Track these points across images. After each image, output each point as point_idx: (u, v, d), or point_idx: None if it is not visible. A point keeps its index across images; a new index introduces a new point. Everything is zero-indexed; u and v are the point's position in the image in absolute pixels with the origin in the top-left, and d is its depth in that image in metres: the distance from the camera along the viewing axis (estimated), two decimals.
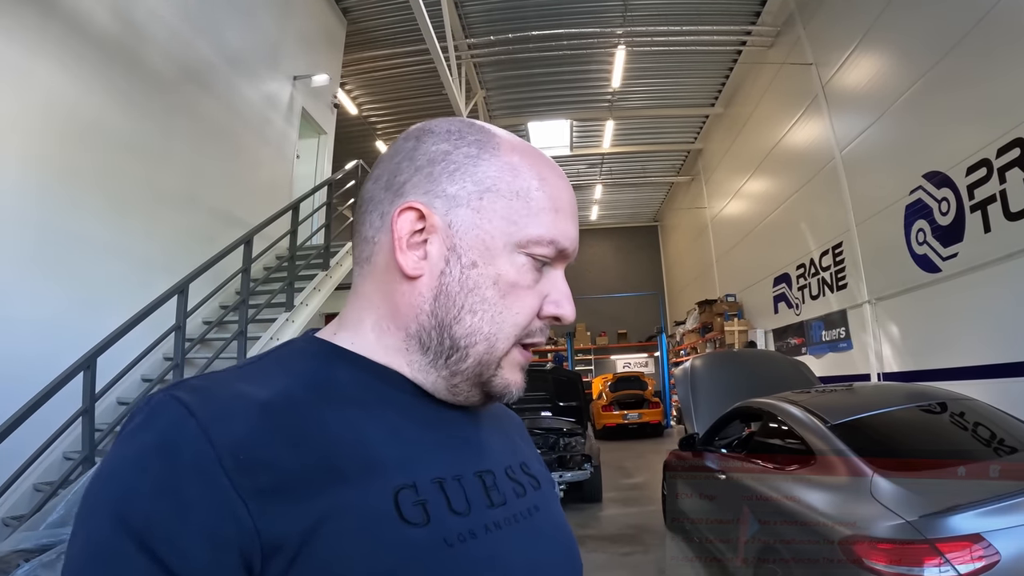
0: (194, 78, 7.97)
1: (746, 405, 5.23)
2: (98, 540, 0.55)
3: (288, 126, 10.35)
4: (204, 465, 0.56)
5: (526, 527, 0.75)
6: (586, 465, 8.35)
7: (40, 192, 5.67)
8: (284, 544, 0.56)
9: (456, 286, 0.73)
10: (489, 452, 0.79)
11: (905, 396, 4.38)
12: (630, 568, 5.88)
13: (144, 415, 0.60)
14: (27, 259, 5.52)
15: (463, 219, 0.73)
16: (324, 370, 0.71)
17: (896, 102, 8.45)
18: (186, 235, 7.51)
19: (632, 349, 26.08)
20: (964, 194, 7.08)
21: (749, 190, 15.35)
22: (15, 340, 5.25)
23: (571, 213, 0.77)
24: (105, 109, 6.45)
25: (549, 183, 0.76)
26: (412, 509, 0.63)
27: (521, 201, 0.74)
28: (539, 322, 0.76)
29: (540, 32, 12.78)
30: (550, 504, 0.84)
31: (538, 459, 0.93)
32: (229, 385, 0.64)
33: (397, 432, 0.69)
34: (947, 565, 2.67)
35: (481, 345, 0.73)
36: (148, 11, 7.10)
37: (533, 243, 0.73)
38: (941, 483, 3.11)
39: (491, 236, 0.73)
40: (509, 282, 0.73)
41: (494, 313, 0.73)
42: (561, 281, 0.77)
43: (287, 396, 0.65)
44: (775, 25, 12.64)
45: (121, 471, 0.57)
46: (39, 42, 5.69)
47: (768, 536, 3.88)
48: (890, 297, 8.95)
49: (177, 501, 0.54)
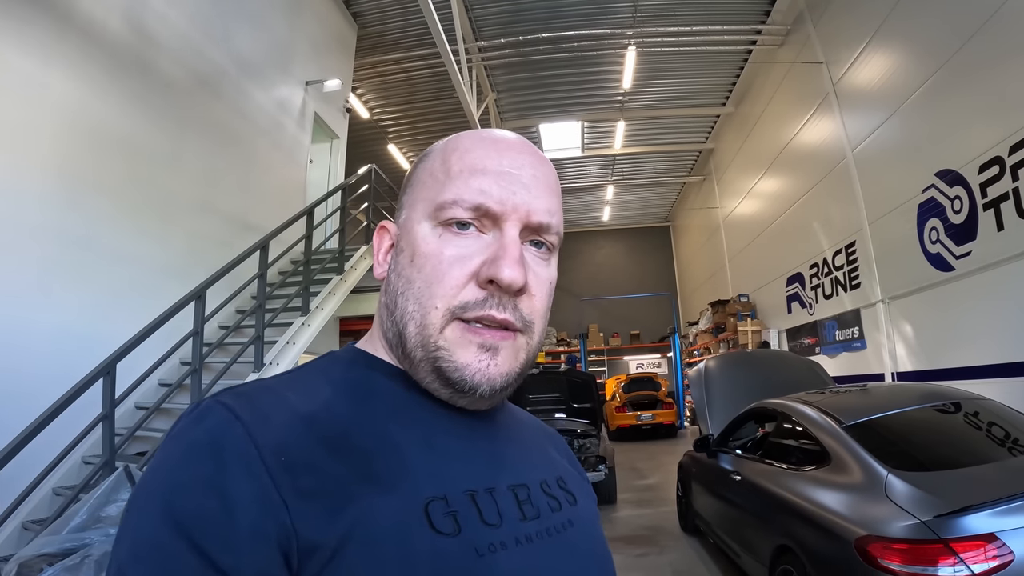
0: (207, 85, 8.05)
1: (760, 406, 5.25)
2: (147, 534, 0.56)
3: (301, 131, 10.42)
4: (249, 464, 0.58)
5: (559, 541, 0.74)
6: (600, 466, 8.38)
7: (58, 200, 5.75)
8: (319, 547, 0.57)
9: (393, 275, 0.77)
10: (523, 465, 0.80)
11: (919, 396, 4.37)
12: (645, 570, 5.89)
13: (192, 418, 0.62)
14: (45, 266, 5.59)
15: (403, 218, 0.79)
16: (362, 379, 0.74)
17: (907, 100, 8.43)
18: (201, 241, 7.59)
19: (645, 350, 26.08)
20: (977, 192, 7.06)
21: (761, 189, 15.31)
22: (34, 346, 5.34)
23: (501, 173, 0.74)
24: (120, 117, 6.54)
25: (472, 152, 0.75)
26: (443, 519, 0.63)
27: (435, 178, 0.76)
28: (479, 291, 0.71)
29: (550, 34, 12.81)
30: (586, 520, 0.82)
31: (578, 476, 0.92)
32: (273, 392, 0.67)
33: (431, 442, 0.70)
34: (961, 565, 2.69)
35: (411, 326, 0.72)
36: (160, 19, 7.18)
37: (444, 208, 0.72)
38: (955, 483, 3.11)
39: (413, 220, 0.76)
40: (424, 254, 0.73)
41: (415, 290, 0.73)
42: (507, 243, 0.72)
43: (327, 404, 0.68)
44: (785, 24, 12.62)
45: (169, 468, 0.59)
46: (55, 53, 5.77)
47: (783, 537, 3.89)
48: (903, 296, 8.92)
49: (223, 497, 0.56)
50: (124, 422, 5.70)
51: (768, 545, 4.11)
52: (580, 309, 24.87)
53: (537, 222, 0.74)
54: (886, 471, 3.29)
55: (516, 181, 0.74)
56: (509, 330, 0.73)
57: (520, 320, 0.73)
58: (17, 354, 5.18)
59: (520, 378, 0.76)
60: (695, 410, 7.34)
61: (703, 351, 19.21)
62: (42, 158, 5.63)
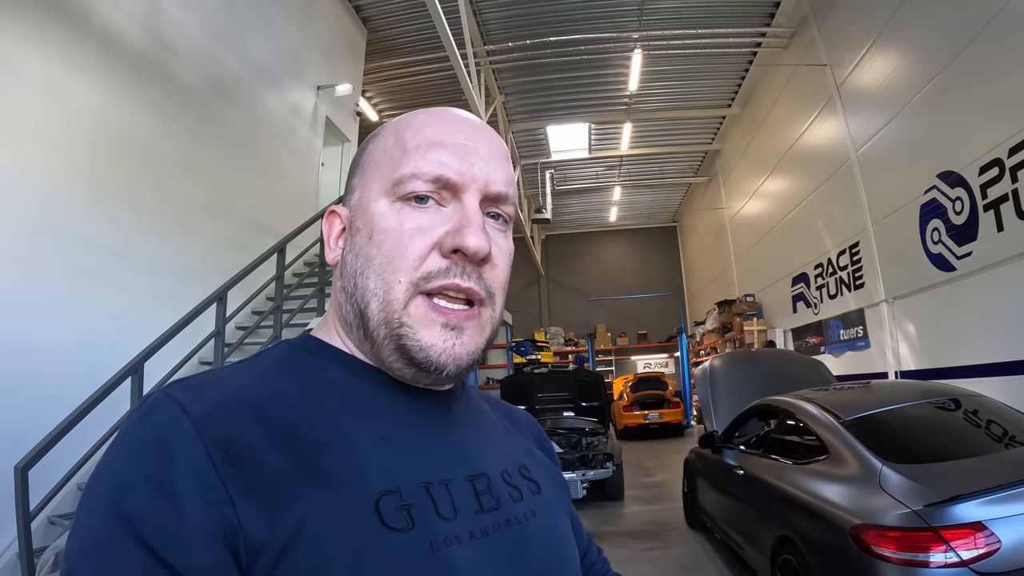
0: (222, 91, 8.20)
1: (764, 403, 5.36)
2: (96, 532, 0.55)
3: (313, 135, 10.59)
4: (195, 460, 0.57)
5: (519, 533, 0.73)
6: (608, 464, 8.48)
7: (79, 206, 5.86)
8: (267, 545, 0.56)
9: (350, 256, 0.75)
10: (483, 455, 0.78)
11: (918, 393, 4.48)
12: (651, 563, 6.01)
13: (140, 413, 0.61)
14: (67, 270, 5.70)
15: (356, 200, 0.77)
16: (315, 368, 0.73)
17: (910, 102, 8.55)
18: (218, 244, 7.74)
19: (652, 350, 26.22)
20: (977, 193, 7.17)
21: (767, 190, 15.41)
22: (58, 349, 5.46)
23: (458, 146, 0.74)
24: (138, 123, 6.66)
25: (428, 127, 0.75)
26: (395, 514, 0.63)
27: (389, 155, 0.75)
28: (442, 261, 0.70)
29: (557, 37, 12.92)
30: (550, 509, 0.82)
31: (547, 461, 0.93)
32: (224, 384, 0.66)
33: (385, 435, 0.69)
34: (951, 552, 2.82)
35: (373, 303, 0.71)
36: (176, 27, 7.32)
37: (403, 182, 0.72)
38: (947, 474, 3.23)
39: (368, 199, 0.75)
40: (384, 230, 0.72)
41: (376, 267, 0.71)
42: (468, 212, 0.72)
43: (278, 396, 0.67)
44: (789, 26, 12.74)
45: (117, 466, 0.58)
46: (76, 61, 5.89)
47: (783, 527, 4.02)
48: (906, 296, 9.03)
49: (170, 494, 0.55)
50: None
51: (769, 536, 4.23)
52: (588, 309, 24.96)
53: (496, 192, 0.74)
54: (881, 463, 3.41)
55: (474, 153, 0.74)
56: (473, 305, 0.72)
57: (484, 289, 0.73)
58: (42, 356, 5.28)
59: (485, 352, 0.76)
60: (701, 408, 7.42)
61: (710, 351, 19.26)
62: (65, 164, 5.74)
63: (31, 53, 5.44)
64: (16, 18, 5.29)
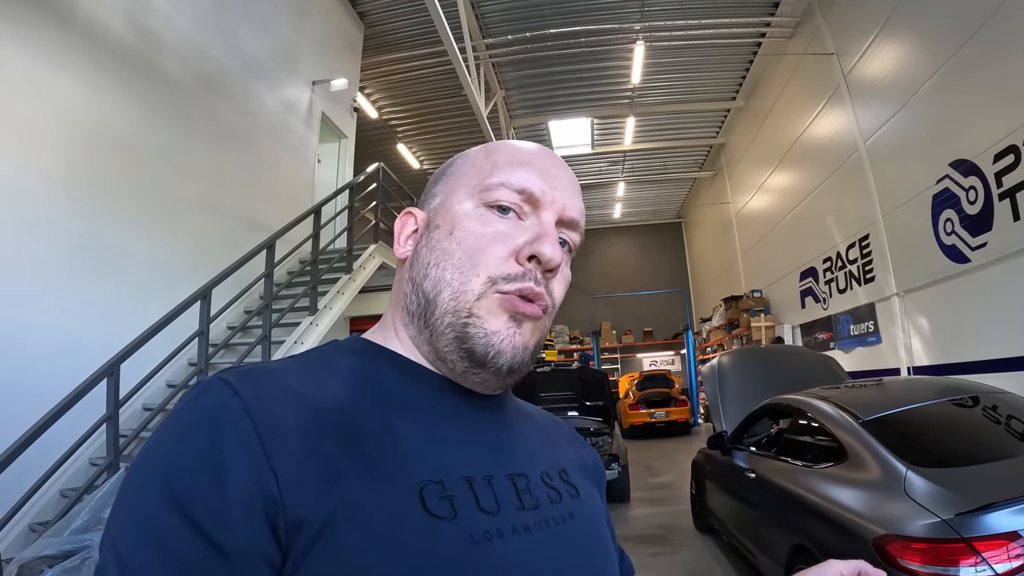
0: (212, 85, 8.05)
1: (774, 402, 5.17)
2: (142, 508, 0.56)
3: (308, 131, 10.41)
4: (244, 437, 0.58)
5: (558, 533, 0.73)
6: (613, 465, 8.32)
7: (64, 202, 5.75)
8: (307, 522, 0.57)
9: (424, 250, 0.78)
10: (524, 455, 0.79)
11: (936, 390, 4.27)
12: (658, 569, 5.83)
13: (192, 394, 0.63)
14: (52, 268, 5.60)
15: (437, 203, 0.81)
16: (365, 367, 0.75)
17: (919, 90, 8.31)
18: (209, 241, 7.60)
19: (658, 347, 26.05)
20: (992, 182, 6.94)
21: (773, 184, 15.20)
22: (42, 348, 5.34)
23: (543, 170, 0.79)
24: (126, 118, 6.54)
25: (516, 152, 0.80)
26: (438, 503, 0.63)
27: (478, 167, 0.80)
28: (519, 267, 0.74)
29: (558, 30, 12.74)
30: (588, 514, 0.82)
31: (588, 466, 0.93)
32: (275, 373, 0.67)
33: (429, 428, 0.71)
34: (984, 564, 2.61)
35: (446, 292, 0.74)
36: (163, 20, 7.17)
37: (490, 190, 0.76)
38: (976, 480, 3.02)
39: (452, 201, 0.78)
40: (466, 228, 0.75)
41: (455, 261, 0.74)
42: (544, 225, 0.77)
43: (327, 388, 0.68)
44: (794, 16, 12.51)
45: (167, 444, 0.59)
46: (60, 55, 5.77)
47: (799, 536, 3.82)
48: (919, 289, 8.79)
49: (218, 472, 0.56)
50: (132, 423, 5.71)
51: (784, 544, 4.04)
52: (592, 307, 24.79)
53: (570, 217, 0.79)
54: (905, 468, 3.20)
55: (556, 179, 0.79)
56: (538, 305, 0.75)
57: (549, 298, 0.76)
58: (26, 355, 5.19)
59: (533, 358, 0.78)
60: (708, 407, 7.28)
61: (717, 348, 19.11)
62: (48, 160, 5.63)
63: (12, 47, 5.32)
64: None
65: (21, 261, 5.34)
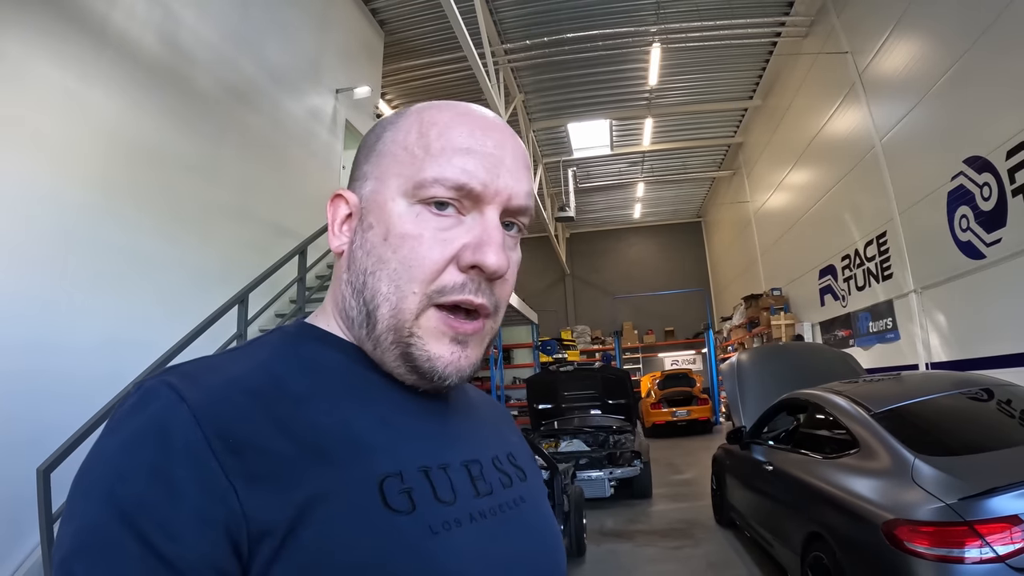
0: (240, 96, 8.27)
1: (792, 397, 5.28)
2: (91, 522, 0.55)
3: (333, 138, 10.67)
4: (194, 448, 0.56)
5: (512, 517, 0.75)
6: (636, 462, 8.44)
7: (101, 212, 5.92)
8: (271, 529, 0.56)
9: (360, 252, 0.73)
10: (476, 441, 0.80)
11: (950, 383, 4.37)
12: (680, 562, 5.95)
13: (135, 400, 0.60)
14: (90, 277, 5.76)
15: (368, 189, 0.75)
16: (313, 354, 0.72)
17: (933, 87, 8.38)
18: (239, 247, 7.80)
19: (679, 346, 26.02)
20: (1005, 178, 6.99)
21: (791, 182, 15.23)
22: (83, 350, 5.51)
23: (485, 154, 0.72)
24: (158, 130, 6.72)
25: (453, 129, 0.72)
26: (397, 497, 0.63)
27: (411, 152, 0.72)
28: (459, 276, 0.70)
29: (575, 34, 12.90)
30: (536, 496, 0.83)
31: (525, 450, 0.92)
32: (220, 370, 0.65)
33: (384, 419, 0.70)
34: (986, 547, 2.73)
35: (384, 307, 0.70)
36: (192, 34, 7.38)
37: (424, 186, 0.70)
38: (981, 466, 3.15)
39: (385, 196, 0.73)
40: (401, 234, 0.70)
41: (391, 271, 0.70)
42: (489, 227, 0.71)
43: (276, 381, 0.66)
44: (808, 15, 12.60)
45: (113, 455, 0.57)
46: (94, 70, 5.95)
47: (813, 524, 3.95)
48: (936, 285, 8.84)
49: (168, 484, 0.54)
50: None
51: (799, 533, 4.15)
52: (614, 307, 24.85)
53: (517, 206, 0.74)
54: (913, 456, 3.32)
55: (500, 163, 0.72)
56: (479, 317, 0.73)
57: (493, 304, 0.73)
58: (67, 358, 5.34)
59: (480, 364, 0.78)
60: (728, 404, 7.35)
61: (737, 346, 19.07)
62: (84, 171, 5.79)
63: (46, 61, 5.48)
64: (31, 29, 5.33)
65: (64, 267, 5.51)
